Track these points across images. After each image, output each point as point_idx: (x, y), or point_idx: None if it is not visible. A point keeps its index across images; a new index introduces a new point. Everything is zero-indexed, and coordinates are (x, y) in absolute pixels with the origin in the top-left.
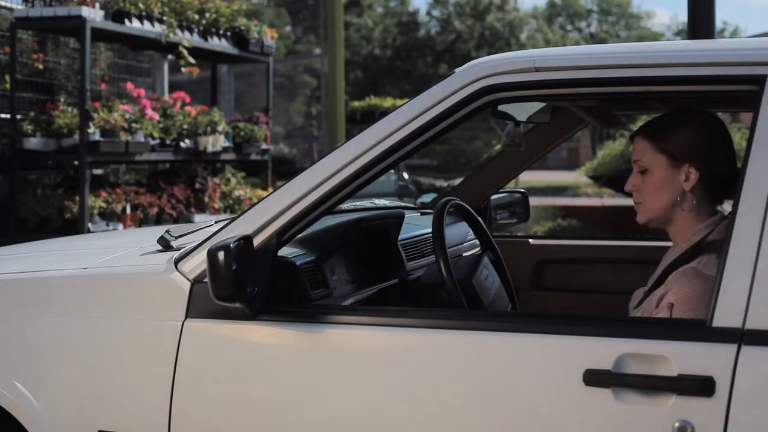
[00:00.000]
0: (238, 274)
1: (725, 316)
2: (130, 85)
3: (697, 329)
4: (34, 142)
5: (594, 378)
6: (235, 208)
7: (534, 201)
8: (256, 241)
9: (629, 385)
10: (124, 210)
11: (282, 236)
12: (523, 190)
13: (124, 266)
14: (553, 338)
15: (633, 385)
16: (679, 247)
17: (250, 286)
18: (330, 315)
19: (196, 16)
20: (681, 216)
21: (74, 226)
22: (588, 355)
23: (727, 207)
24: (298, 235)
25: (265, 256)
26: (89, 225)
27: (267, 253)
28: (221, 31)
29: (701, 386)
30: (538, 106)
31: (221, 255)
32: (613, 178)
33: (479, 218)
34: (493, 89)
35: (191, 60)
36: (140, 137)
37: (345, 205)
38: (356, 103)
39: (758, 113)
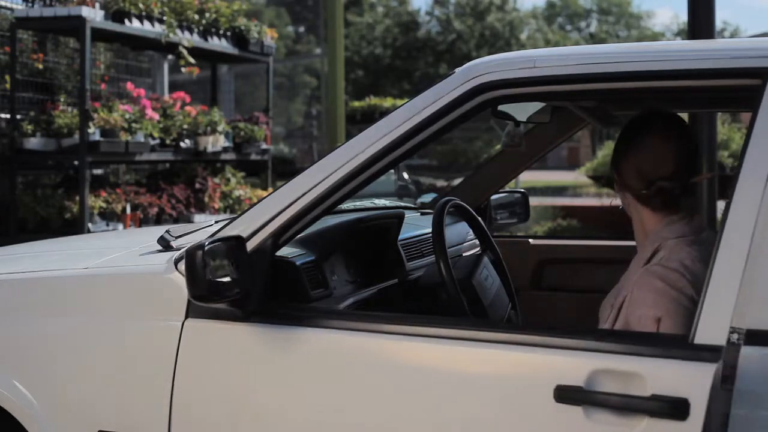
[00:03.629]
0: (219, 274)
1: (708, 332)
2: (130, 85)
3: (677, 345)
4: (34, 142)
5: (565, 395)
6: (235, 208)
7: (534, 201)
8: (252, 242)
9: (601, 404)
10: (124, 210)
11: (279, 238)
12: (523, 190)
13: (124, 266)
14: (524, 351)
15: (605, 404)
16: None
17: (240, 286)
18: (317, 318)
19: (196, 16)
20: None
21: (74, 226)
22: (560, 370)
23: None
24: (298, 236)
25: (260, 258)
26: (89, 225)
27: (262, 254)
28: (221, 31)
29: (674, 409)
30: (538, 106)
31: (197, 255)
32: (613, 178)
33: (479, 218)
34: (490, 86)
35: (191, 60)
36: (140, 137)
37: (345, 205)
38: (356, 103)
39: (758, 109)
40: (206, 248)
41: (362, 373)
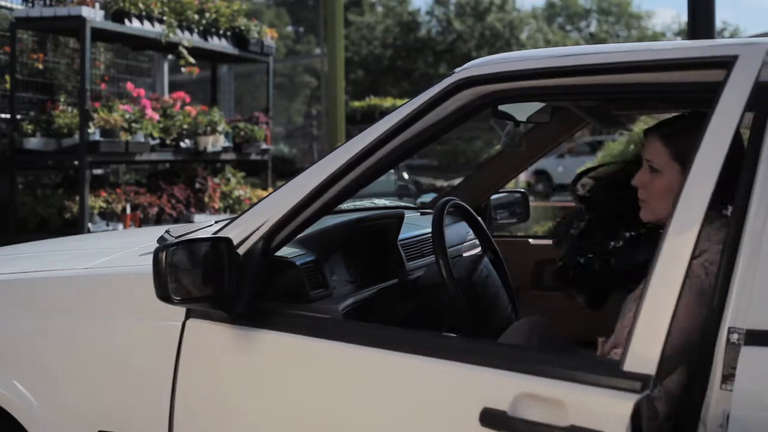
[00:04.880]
0: (193, 274)
1: (637, 360)
2: (130, 85)
3: (604, 372)
4: (34, 142)
5: (490, 419)
6: (235, 208)
7: (534, 201)
8: (242, 245)
9: None
10: (124, 210)
11: (270, 241)
12: (523, 190)
13: (124, 266)
14: (457, 366)
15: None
16: None
17: (221, 288)
18: (291, 325)
19: (196, 16)
20: None
21: (74, 226)
22: (489, 391)
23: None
24: (298, 236)
25: (248, 260)
26: (89, 225)
27: (251, 256)
28: (221, 31)
29: None
30: (538, 106)
31: (160, 256)
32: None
33: (479, 218)
34: (470, 82)
35: (191, 60)
36: (140, 137)
37: (345, 205)
38: (356, 103)
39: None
40: (170, 249)
41: (308, 375)
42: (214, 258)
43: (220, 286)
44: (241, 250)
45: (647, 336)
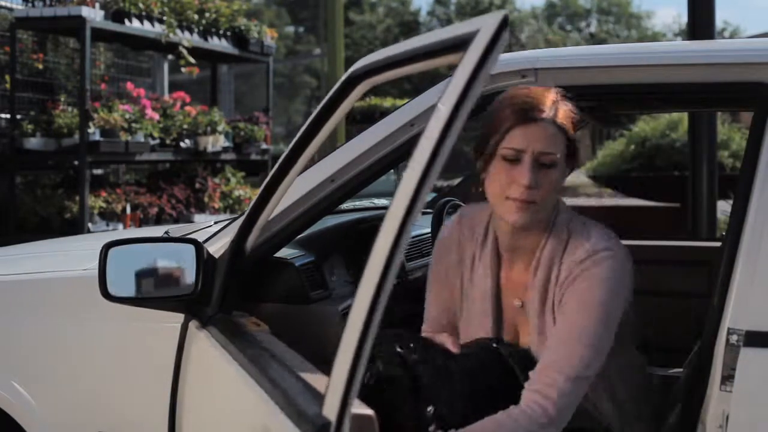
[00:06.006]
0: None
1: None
2: (130, 85)
3: (305, 412)
4: (34, 142)
5: None
6: (235, 208)
7: None
8: (218, 249)
9: None
10: (124, 210)
11: (241, 242)
12: None
13: None
14: (247, 382)
15: None
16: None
17: (193, 291)
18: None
19: (196, 16)
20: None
21: (74, 226)
22: (252, 417)
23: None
24: (297, 236)
25: (216, 263)
26: (89, 225)
27: (220, 260)
28: (221, 31)
29: None
30: None
31: (101, 253)
32: (613, 178)
33: None
34: (360, 75)
35: (191, 60)
36: (140, 137)
37: (345, 206)
38: (356, 103)
39: None
40: (111, 247)
41: (216, 379)
42: (176, 259)
43: (182, 288)
44: (217, 253)
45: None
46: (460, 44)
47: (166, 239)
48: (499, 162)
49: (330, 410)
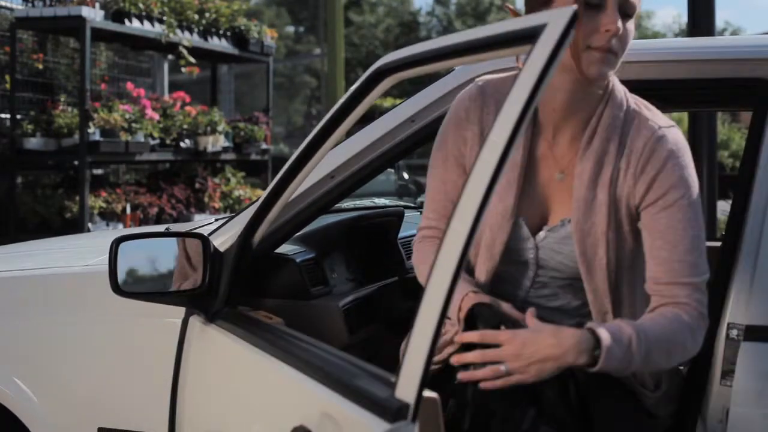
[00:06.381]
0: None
1: (403, 387)
2: (130, 85)
3: (373, 395)
4: (34, 142)
5: None
6: (234, 208)
7: None
8: (225, 243)
9: None
10: (124, 210)
11: (249, 236)
12: None
13: None
14: (289, 373)
15: None
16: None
17: (200, 285)
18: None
19: (196, 16)
20: None
21: (74, 226)
22: (304, 406)
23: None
24: (297, 234)
25: (222, 258)
26: (89, 225)
27: (229, 253)
28: (221, 31)
29: None
30: None
31: (111, 247)
32: None
33: None
34: (387, 69)
35: (191, 60)
36: (140, 137)
37: (345, 204)
38: None
39: None
40: (122, 242)
41: (234, 375)
42: (184, 254)
43: (190, 282)
44: (222, 248)
45: (413, 364)
46: (521, 38)
47: (175, 234)
48: (580, 8)
49: (405, 393)
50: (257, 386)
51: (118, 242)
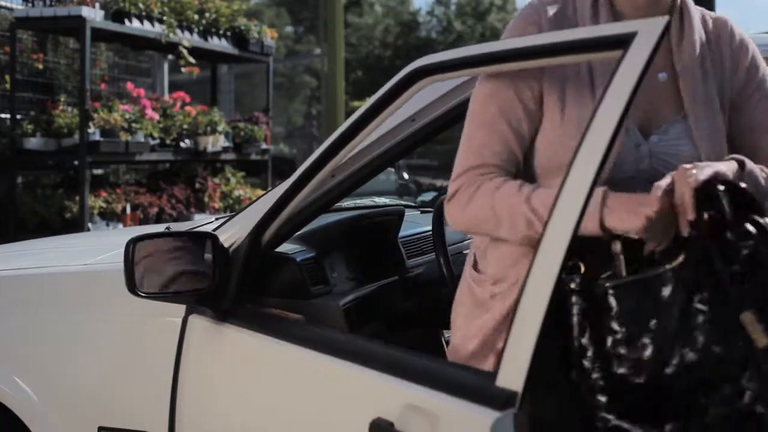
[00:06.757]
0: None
1: (507, 376)
2: (130, 85)
3: (476, 387)
4: (34, 142)
5: (377, 430)
6: (235, 208)
7: None
8: (234, 241)
9: None
10: (124, 210)
11: (260, 234)
12: None
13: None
14: (350, 368)
15: None
16: None
17: (210, 284)
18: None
19: (196, 16)
20: None
21: (74, 226)
22: (380, 399)
23: None
24: (297, 233)
25: (236, 255)
26: (89, 225)
27: (239, 251)
28: (221, 31)
29: None
30: None
31: (128, 247)
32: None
33: None
34: (424, 71)
35: (191, 60)
36: (140, 137)
37: (345, 204)
38: (356, 103)
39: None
40: (138, 242)
41: (259, 373)
42: (194, 253)
43: (201, 281)
44: (230, 246)
45: (517, 352)
46: (607, 44)
47: (187, 234)
48: None
49: (509, 381)
50: (305, 384)
51: (134, 242)
